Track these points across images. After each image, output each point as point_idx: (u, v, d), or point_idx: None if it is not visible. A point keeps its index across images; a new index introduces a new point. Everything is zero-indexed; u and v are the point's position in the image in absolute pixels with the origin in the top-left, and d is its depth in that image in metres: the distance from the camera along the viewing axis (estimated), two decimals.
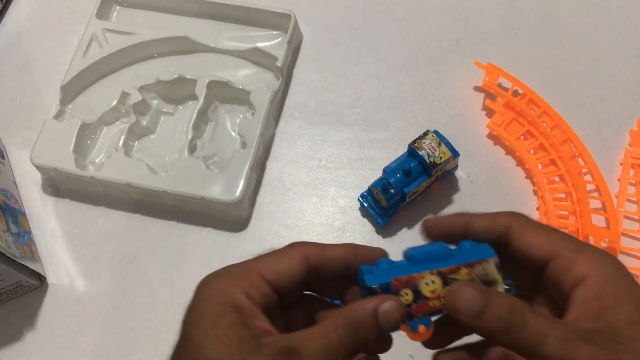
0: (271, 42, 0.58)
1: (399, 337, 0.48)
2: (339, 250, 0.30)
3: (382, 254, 0.30)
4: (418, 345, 0.47)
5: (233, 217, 0.53)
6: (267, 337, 0.26)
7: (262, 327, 0.27)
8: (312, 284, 0.30)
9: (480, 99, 0.58)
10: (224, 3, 0.59)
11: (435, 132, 0.50)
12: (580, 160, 0.54)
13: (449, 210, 0.53)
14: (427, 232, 0.32)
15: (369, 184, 0.54)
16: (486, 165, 0.55)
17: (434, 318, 0.29)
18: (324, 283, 0.30)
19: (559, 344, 0.26)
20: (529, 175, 0.54)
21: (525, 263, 0.30)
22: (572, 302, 0.28)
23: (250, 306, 0.27)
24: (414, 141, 0.49)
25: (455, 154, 0.49)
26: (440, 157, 0.48)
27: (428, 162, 0.48)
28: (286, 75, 0.58)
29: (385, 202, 0.50)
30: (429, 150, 0.48)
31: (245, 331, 0.26)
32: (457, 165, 0.53)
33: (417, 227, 0.52)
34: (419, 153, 0.48)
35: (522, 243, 0.30)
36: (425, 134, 0.49)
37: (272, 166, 0.56)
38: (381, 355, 0.49)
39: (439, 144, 0.49)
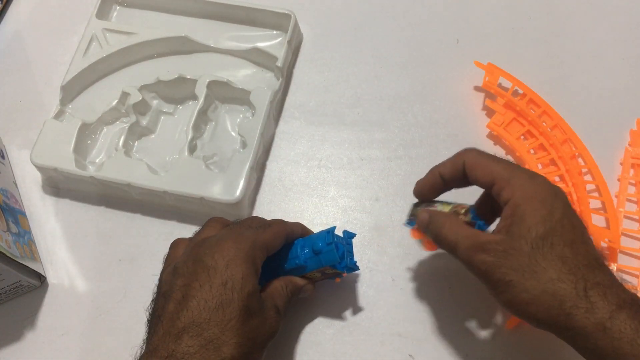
0: (271, 42, 0.58)
1: (400, 338, 0.48)
2: (298, 227, 0.46)
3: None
4: (418, 345, 0.48)
5: (233, 217, 0.52)
6: (261, 296, 0.41)
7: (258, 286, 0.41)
8: None
9: (480, 99, 0.58)
10: (224, 3, 0.59)
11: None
12: (580, 160, 0.54)
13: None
14: (417, 195, 0.45)
15: (369, 184, 0.54)
16: None
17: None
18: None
19: (464, 250, 0.39)
20: None
21: (481, 188, 0.42)
22: (501, 218, 0.39)
23: (259, 272, 0.41)
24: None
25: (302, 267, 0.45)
26: None
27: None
28: (286, 75, 0.58)
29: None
30: None
31: (258, 293, 0.40)
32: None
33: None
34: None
35: (472, 175, 0.41)
36: None
37: (272, 166, 0.56)
38: (382, 355, 0.49)
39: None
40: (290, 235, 0.45)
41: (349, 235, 0.46)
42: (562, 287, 0.35)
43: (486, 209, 0.44)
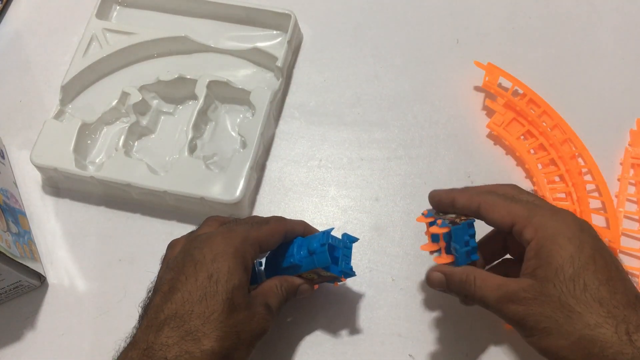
0: (271, 42, 0.58)
1: (400, 338, 0.48)
2: (299, 225, 0.45)
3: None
4: (418, 345, 0.48)
5: (233, 217, 0.53)
6: (251, 293, 0.40)
7: (248, 284, 0.40)
8: None
9: (480, 99, 0.58)
10: (224, 3, 0.59)
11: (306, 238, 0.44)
12: (580, 160, 0.54)
13: None
14: (430, 201, 0.44)
15: (369, 184, 0.54)
16: (486, 165, 0.55)
17: None
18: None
19: (495, 303, 0.37)
20: (529, 175, 0.54)
21: (498, 230, 0.41)
22: (524, 259, 0.37)
23: (250, 268, 0.40)
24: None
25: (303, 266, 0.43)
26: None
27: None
28: (286, 75, 0.58)
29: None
30: None
31: (246, 288, 0.39)
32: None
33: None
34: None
35: (489, 217, 0.39)
36: None
37: (272, 166, 0.56)
38: (382, 355, 0.49)
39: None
40: (290, 233, 0.44)
41: (350, 240, 0.45)
42: (601, 332, 0.33)
43: (495, 247, 0.43)
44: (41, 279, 0.51)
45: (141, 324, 0.39)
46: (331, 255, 0.43)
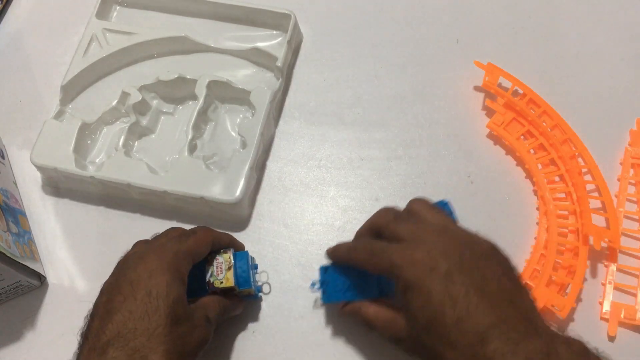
0: (271, 42, 0.58)
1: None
2: (226, 236, 0.47)
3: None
4: None
5: (233, 217, 0.53)
6: (190, 306, 0.40)
7: (186, 297, 0.40)
8: None
9: (480, 99, 0.58)
10: (224, 3, 0.59)
11: (239, 255, 0.46)
12: (580, 160, 0.54)
13: None
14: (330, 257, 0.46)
15: (369, 184, 0.54)
16: (486, 165, 0.55)
17: None
18: None
19: (388, 340, 0.41)
20: (529, 175, 0.54)
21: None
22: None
23: (185, 281, 0.41)
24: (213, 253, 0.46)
25: (242, 284, 0.45)
26: (222, 282, 0.44)
27: (207, 280, 0.45)
28: (286, 75, 0.58)
29: None
30: (216, 269, 0.45)
31: (185, 301, 0.40)
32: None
33: None
34: (206, 268, 0.45)
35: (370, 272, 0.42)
36: (225, 251, 0.46)
37: (272, 166, 0.56)
38: (382, 355, 0.49)
39: (229, 268, 0.45)
40: (217, 243, 0.45)
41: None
42: None
43: None
44: (41, 279, 0.51)
45: (82, 350, 0.38)
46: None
